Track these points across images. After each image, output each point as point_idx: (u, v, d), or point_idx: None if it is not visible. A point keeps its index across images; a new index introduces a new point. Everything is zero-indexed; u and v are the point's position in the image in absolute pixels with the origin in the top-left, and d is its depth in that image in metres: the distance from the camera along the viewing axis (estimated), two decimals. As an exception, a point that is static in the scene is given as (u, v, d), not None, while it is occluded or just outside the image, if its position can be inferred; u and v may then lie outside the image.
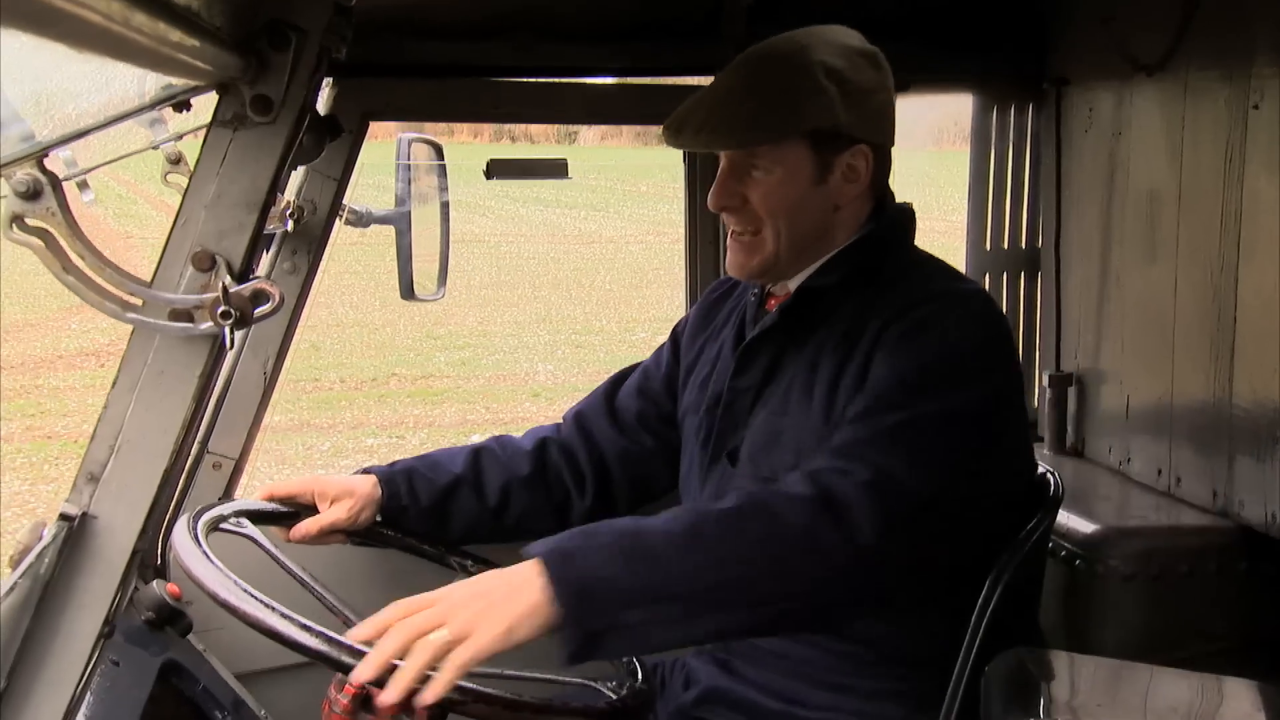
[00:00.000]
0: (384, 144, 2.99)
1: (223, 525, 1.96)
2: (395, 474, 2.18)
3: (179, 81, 1.29)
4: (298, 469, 8.21)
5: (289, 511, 2.17)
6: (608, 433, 2.24)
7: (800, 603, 1.61)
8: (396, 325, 13.04)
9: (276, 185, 1.36)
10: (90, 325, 12.33)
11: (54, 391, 10.11)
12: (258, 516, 2.13)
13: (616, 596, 1.49)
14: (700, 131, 1.88)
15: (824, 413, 1.84)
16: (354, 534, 2.17)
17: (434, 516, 2.17)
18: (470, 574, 2.07)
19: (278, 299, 1.32)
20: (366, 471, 2.20)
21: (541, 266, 17.64)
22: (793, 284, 1.96)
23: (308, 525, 2.13)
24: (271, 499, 2.16)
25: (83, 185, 1.85)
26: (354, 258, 14.88)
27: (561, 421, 2.32)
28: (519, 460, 2.23)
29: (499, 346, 12.36)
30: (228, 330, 1.30)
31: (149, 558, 2.35)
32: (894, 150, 2.00)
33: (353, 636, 1.50)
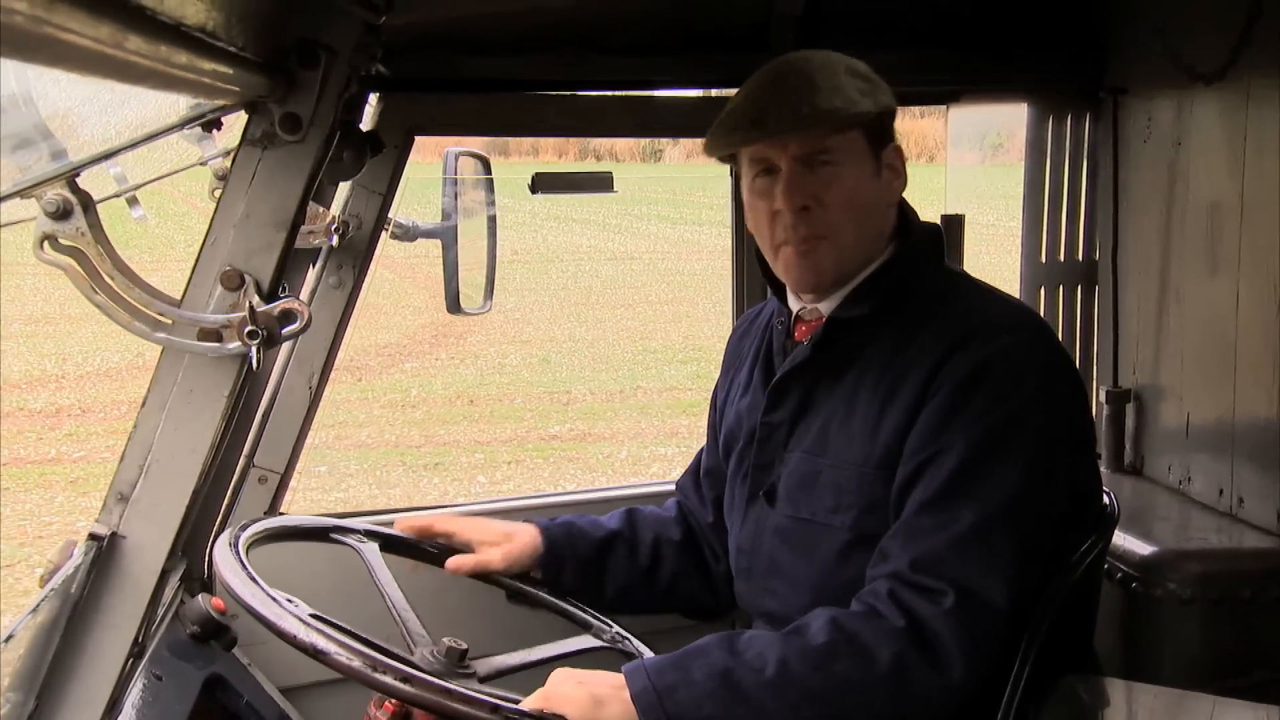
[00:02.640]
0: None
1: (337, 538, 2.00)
2: (555, 525, 2.18)
3: (209, 100, 1.28)
4: (608, 476, 8.46)
5: (435, 551, 2.18)
6: (700, 505, 2.24)
7: None
8: (605, 339, 13.34)
9: (306, 204, 1.35)
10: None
11: (336, 404, 10.48)
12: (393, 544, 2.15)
13: None
14: (798, 116, 1.78)
15: (864, 454, 1.81)
16: (509, 589, 2.16)
17: (591, 572, 2.15)
18: (616, 644, 2.08)
19: (306, 318, 1.31)
20: (528, 522, 2.20)
21: (709, 283, 17.78)
22: (824, 307, 1.92)
23: (460, 561, 2.13)
24: (431, 531, 2.18)
25: (132, 201, 1.86)
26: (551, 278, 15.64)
27: None
28: (668, 524, 2.23)
29: (720, 361, 12.67)
30: (254, 350, 1.28)
31: (195, 570, 2.36)
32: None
33: None
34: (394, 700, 1.85)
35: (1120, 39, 2.86)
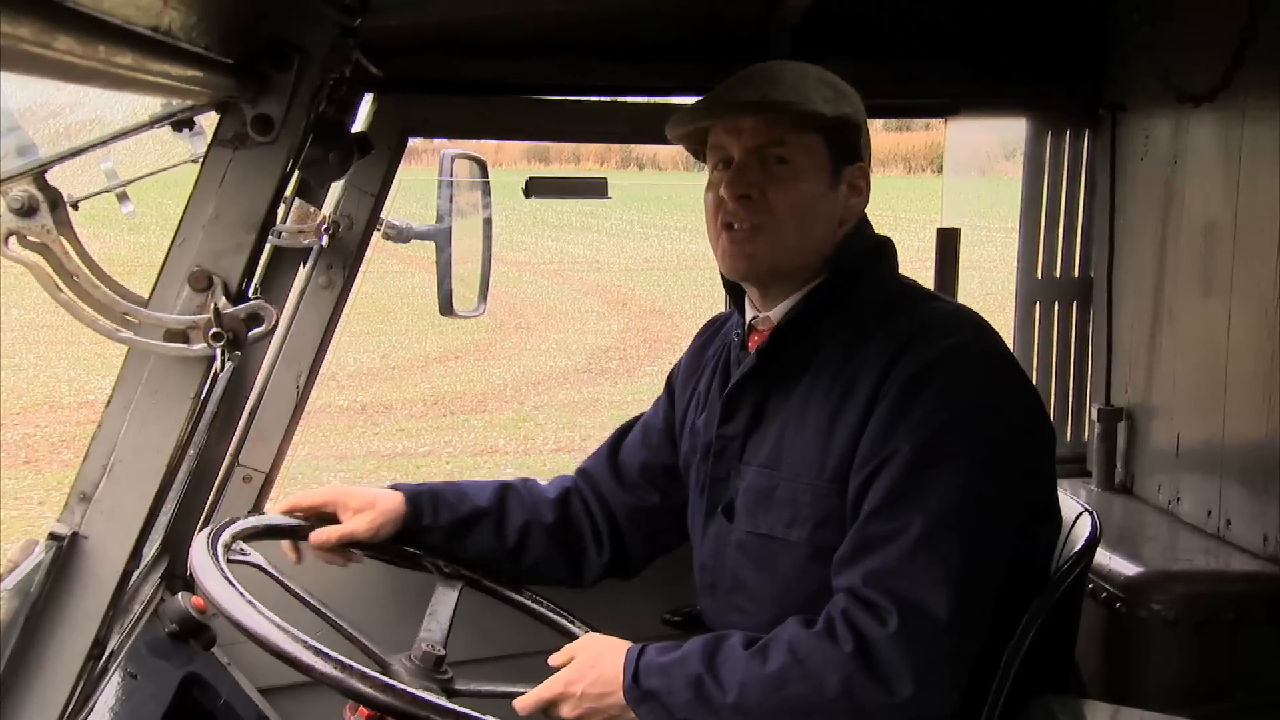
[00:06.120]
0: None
1: (231, 553, 1.92)
2: (422, 493, 2.16)
3: (180, 101, 1.27)
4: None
5: (309, 525, 2.15)
6: (613, 490, 2.21)
7: None
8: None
9: (276, 205, 1.33)
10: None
11: (618, 404, 10.79)
12: (279, 531, 2.12)
13: None
14: (754, 95, 1.81)
15: (817, 467, 1.80)
16: (369, 550, 2.14)
17: (451, 542, 2.15)
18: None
19: (273, 321, 1.29)
20: (394, 487, 2.17)
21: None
22: (775, 315, 1.90)
23: (326, 533, 2.10)
24: (294, 510, 2.14)
25: (122, 197, 1.84)
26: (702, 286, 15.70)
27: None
28: (543, 507, 2.20)
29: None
30: (219, 352, 1.26)
31: (176, 568, 2.34)
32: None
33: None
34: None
35: (1120, 57, 2.83)
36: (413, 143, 2.61)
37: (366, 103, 2.47)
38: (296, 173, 1.36)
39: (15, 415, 9.96)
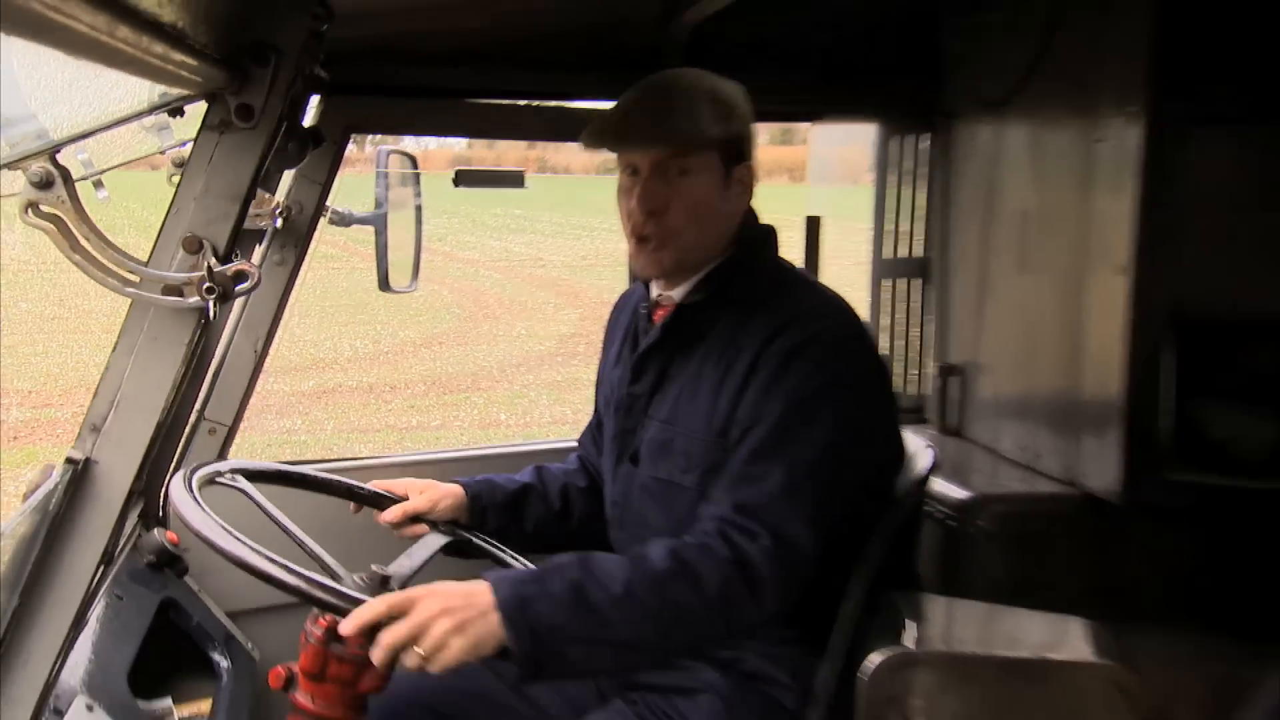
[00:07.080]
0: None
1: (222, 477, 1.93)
2: (477, 480, 2.23)
3: (173, 90, 1.33)
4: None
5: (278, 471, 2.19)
6: (593, 452, 2.31)
7: (709, 643, 1.83)
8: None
9: (257, 181, 1.40)
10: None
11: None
12: (251, 475, 2.15)
13: (561, 639, 1.61)
14: (655, 128, 1.86)
15: (706, 424, 1.89)
16: (438, 529, 2.15)
17: (510, 514, 2.21)
18: None
19: (256, 278, 1.36)
20: (455, 481, 2.23)
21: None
22: (675, 294, 2.00)
23: (392, 511, 2.16)
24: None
25: (98, 184, 1.88)
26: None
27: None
28: (573, 474, 2.29)
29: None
30: (211, 304, 1.34)
31: (151, 507, 2.38)
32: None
33: (346, 627, 1.59)
34: (327, 617, 1.89)
35: (952, 67, 3.01)
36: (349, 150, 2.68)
37: (313, 103, 2.51)
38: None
39: (60, 396, 9.79)
